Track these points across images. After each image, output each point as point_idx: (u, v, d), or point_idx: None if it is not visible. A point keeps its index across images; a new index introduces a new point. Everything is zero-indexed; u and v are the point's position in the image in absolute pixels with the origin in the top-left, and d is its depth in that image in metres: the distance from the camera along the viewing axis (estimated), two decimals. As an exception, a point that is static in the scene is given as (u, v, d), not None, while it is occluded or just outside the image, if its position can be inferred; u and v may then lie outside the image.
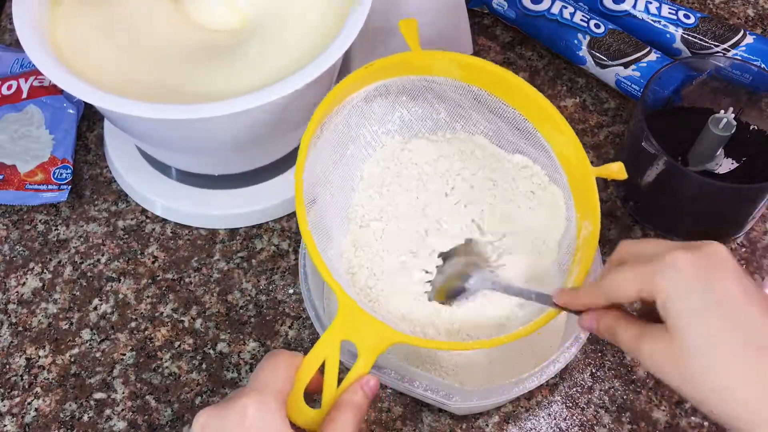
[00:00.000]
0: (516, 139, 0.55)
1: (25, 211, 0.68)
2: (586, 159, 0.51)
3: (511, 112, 0.54)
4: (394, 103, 0.55)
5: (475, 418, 0.57)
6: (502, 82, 0.53)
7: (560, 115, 0.52)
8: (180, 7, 0.61)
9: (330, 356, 0.43)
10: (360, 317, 0.44)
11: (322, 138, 0.51)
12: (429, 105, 0.56)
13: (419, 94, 0.55)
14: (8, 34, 0.81)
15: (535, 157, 0.54)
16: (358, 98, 0.53)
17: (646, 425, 0.57)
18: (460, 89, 0.55)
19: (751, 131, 0.65)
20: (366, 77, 0.52)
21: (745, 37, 0.72)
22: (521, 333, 0.47)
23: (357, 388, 0.42)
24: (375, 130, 0.56)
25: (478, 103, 0.55)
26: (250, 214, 0.66)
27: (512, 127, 0.54)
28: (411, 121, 0.57)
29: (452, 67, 0.54)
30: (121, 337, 0.61)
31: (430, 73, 0.54)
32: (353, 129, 0.54)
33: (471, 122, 0.56)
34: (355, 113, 0.54)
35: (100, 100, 0.52)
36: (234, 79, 0.56)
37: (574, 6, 0.75)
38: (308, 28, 0.59)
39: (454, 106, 0.56)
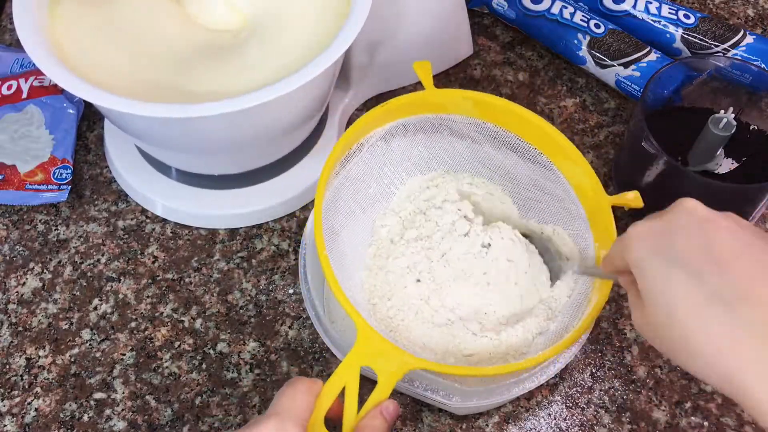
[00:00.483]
0: (532, 173, 0.56)
1: (25, 211, 0.68)
2: (601, 189, 0.53)
3: (526, 146, 0.56)
4: (413, 141, 0.57)
5: (475, 418, 0.57)
6: (515, 117, 0.55)
7: (573, 146, 0.54)
8: (180, 7, 0.61)
9: (350, 382, 0.43)
10: (378, 344, 0.45)
11: (341, 174, 0.53)
12: (447, 143, 0.58)
13: (436, 132, 0.57)
14: (8, 34, 0.81)
15: (552, 190, 0.56)
16: (376, 137, 0.55)
17: (646, 425, 0.57)
18: (476, 126, 0.56)
19: (751, 131, 0.65)
20: (382, 116, 0.55)
21: (745, 37, 0.72)
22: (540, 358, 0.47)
23: (377, 413, 0.43)
24: (396, 168, 0.58)
25: (494, 139, 0.57)
26: (250, 214, 0.66)
27: (528, 161, 0.56)
28: (430, 159, 0.59)
29: (466, 104, 0.55)
30: (121, 337, 0.61)
31: (446, 111, 0.56)
32: (374, 168, 0.56)
33: (488, 158, 0.58)
34: (376, 152, 0.56)
35: (100, 100, 0.52)
36: (234, 78, 0.56)
37: (574, 6, 0.75)
38: (308, 27, 0.59)
39: (471, 143, 0.57)
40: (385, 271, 0.56)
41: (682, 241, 0.38)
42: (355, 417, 0.43)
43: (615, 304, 0.62)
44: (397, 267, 0.55)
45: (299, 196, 0.67)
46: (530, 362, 0.47)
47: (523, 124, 0.55)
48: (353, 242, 0.56)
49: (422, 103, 0.56)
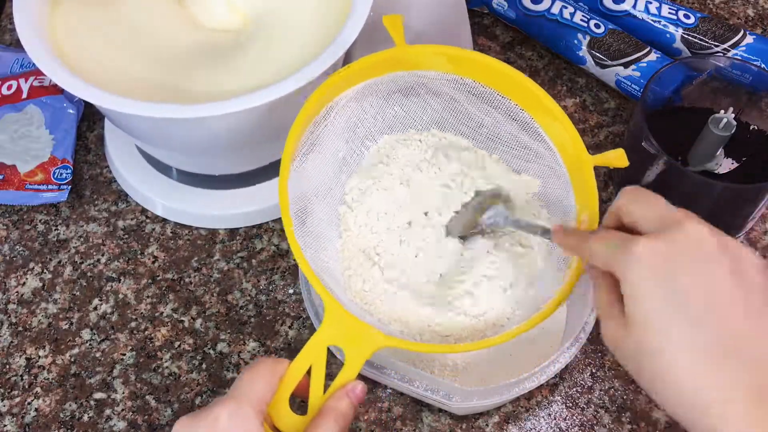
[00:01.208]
0: (514, 130, 0.54)
1: (25, 211, 0.68)
2: (582, 147, 0.50)
3: (507, 102, 0.53)
4: (387, 101, 0.54)
5: (475, 418, 0.57)
6: (494, 72, 0.52)
7: (555, 102, 0.51)
8: (181, 7, 0.61)
9: (316, 362, 0.42)
10: (347, 321, 0.44)
11: (312, 137, 0.50)
12: (423, 101, 0.55)
13: (412, 91, 0.54)
14: (8, 34, 0.81)
15: (535, 148, 0.53)
16: (347, 98, 0.52)
17: (646, 425, 0.57)
18: (453, 83, 0.53)
19: (751, 131, 0.65)
20: (350, 77, 0.51)
21: (745, 37, 0.72)
22: (513, 333, 0.46)
23: (342, 395, 0.42)
24: (369, 128, 0.55)
25: (472, 96, 0.54)
26: (250, 214, 0.66)
27: (509, 118, 0.53)
28: (405, 118, 0.55)
29: (441, 60, 0.52)
30: (121, 337, 0.61)
31: (420, 68, 0.53)
32: (346, 130, 0.53)
33: (467, 116, 0.55)
34: (347, 112, 0.52)
35: (100, 100, 0.52)
36: (234, 78, 0.56)
37: (574, 6, 0.75)
38: (308, 28, 0.59)
39: (448, 101, 0.54)
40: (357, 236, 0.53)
41: (685, 279, 0.36)
42: (321, 397, 0.42)
43: (615, 304, 0.62)
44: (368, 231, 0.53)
45: (299, 196, 0.67)
46: (506, 337, 0.46)
47: (501, 78, 0.52)
48: (326, 210, 0.53)
49: (394, 60, 0.52)
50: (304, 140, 0.50)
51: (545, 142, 0.52)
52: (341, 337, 0.43)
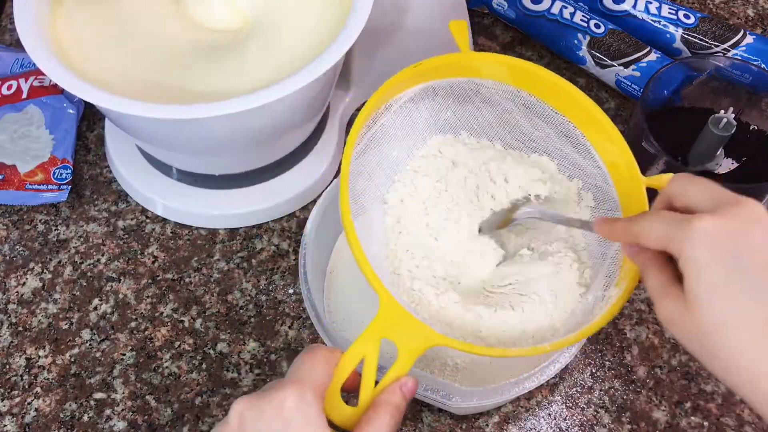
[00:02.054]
0: (564, 147, 0.54)
1: (25, 211, 0.68)
2: (636, 169, 0.50)
3: (560, 119, 0.53)
4: (441, 106, 0.54)
5: (475, 418, 0.57)
6: (552, 86, 0.52)
7: (611, 122, 0.51)
8: (181, 7, 0.61)
9: (369, 354, 0.42)
10: (401, 317, 0.44)
11: (366, 137, 0.50)
12: (476, 108, 0.55)
13: (467, 98, 0.54)
14: (8, 34, 0.81)
15: (583, 166, 0.53)
16: (405, 98, 0.52)
17: (646, 425, 0.57)
18: (509, 94, 0.53)
19: (751, 131, 0.65)
20: (413, 78, 0.51)
21: (745, 37, 0.72)
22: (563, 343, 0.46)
23: (395, 388, 0.42)
24: (421, 132, 0.55)
25: (526, 108, 0.54)
26: (250, 214, 0.66)
27: (560, 135, 0.53)
28: (457, 124, 0.56)
29: (501, 69, 0.52)
30: (121, 337, 0.61)
31: (479, 76, 0.53)
32: (399, 129, 0.53)
33: (518, 129, 0.55)
34: (402, 113, 0.53)
35: (101, 100, 0.52)
36: (235, 78, 0.56)
37: (574, 6, 0.75)
38: (309, 27, 0.59)
39: (501, 112, 0.55)
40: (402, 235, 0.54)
41: (748, 254, 0.36)
42: (373, 390, 0.42)
43: (615, 304, 0.62)
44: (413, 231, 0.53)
45: (299, 196, 0.67)
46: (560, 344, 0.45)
47: (558, 93, 0.52)
48: (374, 209, 0.53)
49: (456, 65, 0.52)
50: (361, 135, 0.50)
51: (595, 161, 0.52)
52: (395, 331, 0.43)
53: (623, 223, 0.43)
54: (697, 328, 0.37)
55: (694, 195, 0.39)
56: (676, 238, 0.38)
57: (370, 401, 0.41)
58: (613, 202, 0.52)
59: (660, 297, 0.39)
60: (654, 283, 0.40)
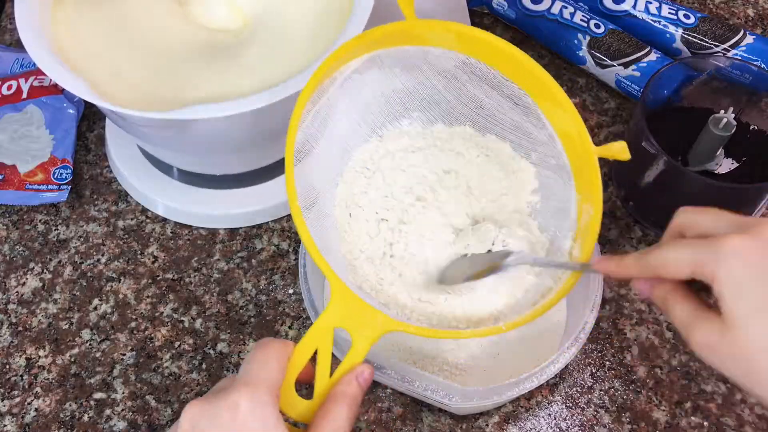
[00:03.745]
0: (514, 115, 0.52)
1: (25, 211, 0.68)
2: (587, 137, 0.48)
3: (511, 86, 0.51)
4: (388, 75, 0.52)
5: (475, 418, 0.57)
6: (501, 54, 0.51)
7: (561, 90, 0.49)
8: (182, 7, 0.61)
9: (322, 345, 0.41)
10: (354, 304, 0.42)
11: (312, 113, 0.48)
12: (425, 77, 0.53)
13: (415, 66, 0.52)
14: (8, 34, 0.81)
15: (535, 135, 0.52)
16: (350, 69, 0.50)
17: (646, 425, 0.57)
18: (457, 61, 0.52)
19: (751, 131, 0.65)
20: (358, 48, 0.49)
21: (745, 37, 0.72)
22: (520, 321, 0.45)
23: (351, 378, 0.41)
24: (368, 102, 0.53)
25: (475, 76, 0.52)
26: (250, 214, 0.66)
27: (511, 102, 0.52)
28: (405, 93, 0.53)
29: (449, 37, 0.51)
30: (121, 337, 0.61)
31: (426, 44, 0.51)
32: (347, 104, 0.51)
33: (468, 97, 0.53)
34: (348, 85, 0.50)
35: (101, 100, 0.52)
36: (235, 79, 0.56)
37: (574, 6, 0.75)
38: (309, 28, 0.59)
39: (450, 80, 0.53)
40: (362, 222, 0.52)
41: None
42: (328, 382, 0.41)
43: (615, 303, 0.62)
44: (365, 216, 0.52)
45: (299, 196, 0.67)
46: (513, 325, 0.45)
47: (508, 61, 0.50)
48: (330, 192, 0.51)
49: (402, 34, 0.50)
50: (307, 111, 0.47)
51: (547, 130, 0.51)
52: (348, 319, 0.42)
53: (635, 258, 0.41)
54: (741, 352, 0.36)
55: (708, 223, 0.38)
56: (709, 261, 0.36)
57: (325, 393, 0.40)
58: (566, 171, 0.51)
59: (692, 325, 0.38)
60: (682, 313, 0.38)
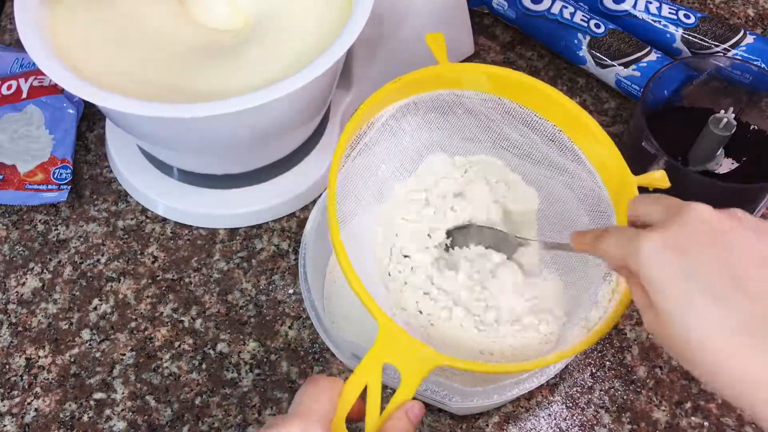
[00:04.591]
0: (551, 151, 0.53)
1: (25, 211, 0.68)
2: (626, 168, 0.49)
3: (545, 124, 0.52)
4: (424, 120, 0.54)
5: (475, 418, 0.57)
6: (533, 92, 0.52)
7: (596, 123, 0.50)
8: (181, 6, 0.61)
9: (372, 381, 0.41)
10: (401, 340, 0.42)
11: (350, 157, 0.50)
12: (459, 121, 0.54)
13: (449, 110, 0.54)
14: (8, 34, 0.81)
15: (572, 170, 0.53)
16: (387, 115, 0.52)
17: (646, 425, 0.57)
18: (491, 102, 0.53)
19: (751, 131, 0.65)
20: (394, 93, 0.51)
21: (745, 37, 0.72)
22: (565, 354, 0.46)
23: (402, 414, 0.41)
24: (406, 147, 0.54)
25: (509, 116, 0.53)
26: (250, 214, 0.66)
27: (546, 140, 0.53)
28: (442, 139, 0.55)
29: (481, 79, 0.52)
30: (121, 337, 0.61)
31: (460, 87, 0.53)
32: (384, 149, 0.53)
33: (502, 137, 0.54)
34: (386, 131, 0.52)
35: (102, 99, 0.52)
36: (235, 78, 0.56)
37: (574, 6, 0.75)
38: (310, 27, 0.59)
39: (485, 122, 0.54)
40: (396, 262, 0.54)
41: (700, 260, 0.35)
42: (378, 418, 0.41)
43: (615, 304, 0.62)
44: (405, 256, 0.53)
45: (299, 196, 0.67)
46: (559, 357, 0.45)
47: (541, 99, 0.51)
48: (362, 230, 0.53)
49: (436, 78, 0.52)
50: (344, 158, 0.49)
51: (584, 164, 0.52)
52: (396, 355, 0.42)
53: (591, 237, 0.42)
54: (675, 342, 0.37)
55: (643, 208, 0.40)
56: (631, 259, 0.38)
57: (376, 429, 0.41)
58: (606, 203, 0.51)
59: (643, 311, 0.39)
60: (637, 298, 0.40)
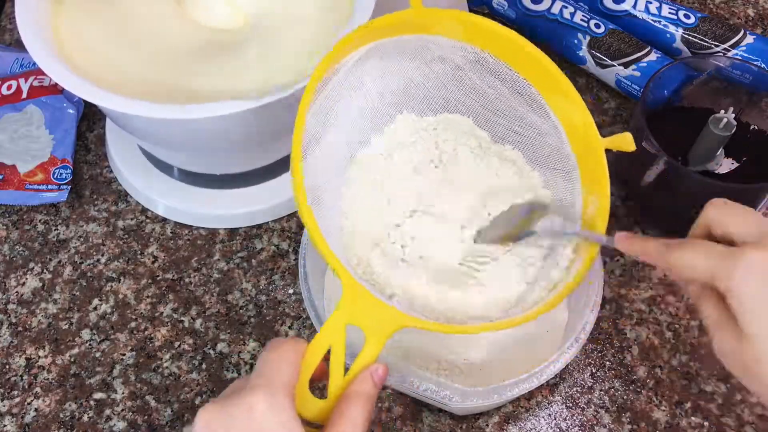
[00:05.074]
0: (519, 105, 0.52)
1: (25, 211, 0.68)
2: (594, 128, 0.48)
3: (515, 76, 0.51)
4: (389, 65, 0.52)
5: (475, 418, 0.57)
6: (506, 42, 0.50)
7: (567, 80, 0.49)
8: (182, 7, 0.61)
9: (335, 342, 0.40)
10: (366, 300, 0.42)
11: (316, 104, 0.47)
12: (428, 68, 0.52)
13: (417, 55, 0.52)
14: (8, 34, 0.81)
15: (539, 125, 0.51)
16: (353, 60, 0.49)
17: (646, 425, 0.57)
18: (461, 50, 0.51)
19: (751, 131, 0.65)
20: (363, 37, 0.48)
21: (745, 37, 0.72)
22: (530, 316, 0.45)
23: (366, 376, 0.40)
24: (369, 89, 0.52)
25: (479, 65, 0.51)
26: (250, 214, 0.66)
27: (515, 93, 0.51)
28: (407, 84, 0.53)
29: (454, 25, 0.50)
30: (121, 337, 0.61)
31: (431, 32, 0.50)
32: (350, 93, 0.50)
33: (470, 87, 0.52)
34: (351, 76, 0.50)
35: (102, 100, 0.52)
36: (235, 78, 0.56)
37: (574, 6, 0.75)
38: (310, 27, 0.59)
39: (453, 68, 0.52)
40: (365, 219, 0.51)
41: None
42: (342, 381, 0.40)
43: (615, 303, 0.62)
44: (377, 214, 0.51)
45: (299, 196, 0.67)
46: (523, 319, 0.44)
47: (512, 50, 0.49)
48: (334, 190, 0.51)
49: (407, 23, 0.49)
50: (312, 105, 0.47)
51: (551, 121, 0.50)
52: (360, 316, 0.41)
53: (658, 247, 0.40)
54: (755, 365, 0.36)
55: (733, 223, 0.38)
56: (724, 274, 0.36)
57: (340, 391, 0.40)
58: (570, 162, 0.50)
59: (716, 327, 0.38)
60: (709, 313, 0.38)
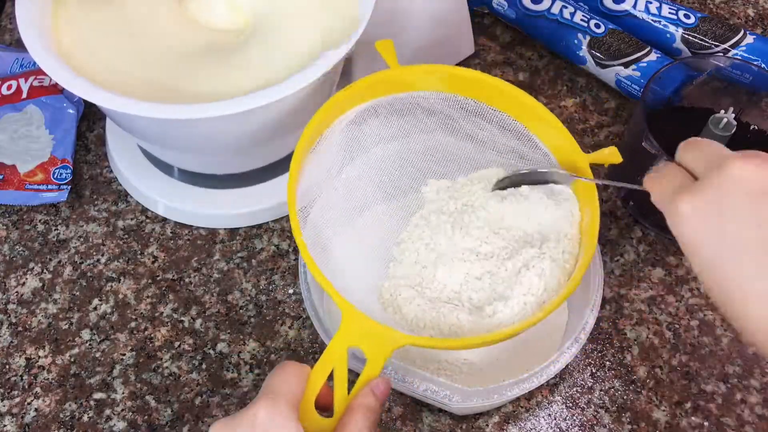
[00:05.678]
0: (509, 141, 0.55)
1: (25, 211, 0.68)
2: (576, 146, 0.52)
3: (499, 115, 0.55)
4: (385, 124, 0.55)
5: (475, 418, 0.57)
6: (482, 85, 0.54)
7: (544, 107, 0.53)
8: (182, 7, 0.61)
9: (338, 365, 0.43)
10: (364, 323, 0.45)
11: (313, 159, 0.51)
12: (419, 121, 0.56)
13: (408, 111, 0.56)
14: (8, 34, 0.81)
15: (531, 155, 0.55)
16: (347, 120, 0.53)
17: (646, 425, 0.57)
18: (447, 100, 0.55)
19: (751, 131, 0.65)
20: (349, 98, 0.53)
21: (745, 37, 0.72)
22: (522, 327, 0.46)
23: (368, 391, 0.42)
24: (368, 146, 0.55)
25: (466, 112, 0.55)
26: (250, 214, 0.66)
27: (503, 130, 0.55)
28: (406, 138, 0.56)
29: (433, 79, 0.55)
30: (121, 337, 0.61)
31: (415, 89, 0.55)
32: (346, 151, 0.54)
33: (462, 130, 0.56)
34: (348, 135, 0.54)
35: (102, 100, 0.52)
36: (236, 78, 0.56)
37: (574, 6, 0.75)
38: (311, 28, 0.59)
39: (444, 119, 0.56)
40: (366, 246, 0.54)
41: (733, 226, 0.36)
42: (346, 398, 0.42)
43: (615, 303, 0.62)
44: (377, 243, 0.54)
45: (299, 196, 0.67)
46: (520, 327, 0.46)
47: (489, 91, 0.54)
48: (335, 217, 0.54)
49: (388, 82, 0.54)
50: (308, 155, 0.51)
51: (540, 149, 0.54)
52: (360, 338, 0.44)
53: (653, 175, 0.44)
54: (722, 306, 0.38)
55: (688, 158, 0.41)
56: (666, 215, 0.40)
57: (344, 409, 0.42)
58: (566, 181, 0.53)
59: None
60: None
